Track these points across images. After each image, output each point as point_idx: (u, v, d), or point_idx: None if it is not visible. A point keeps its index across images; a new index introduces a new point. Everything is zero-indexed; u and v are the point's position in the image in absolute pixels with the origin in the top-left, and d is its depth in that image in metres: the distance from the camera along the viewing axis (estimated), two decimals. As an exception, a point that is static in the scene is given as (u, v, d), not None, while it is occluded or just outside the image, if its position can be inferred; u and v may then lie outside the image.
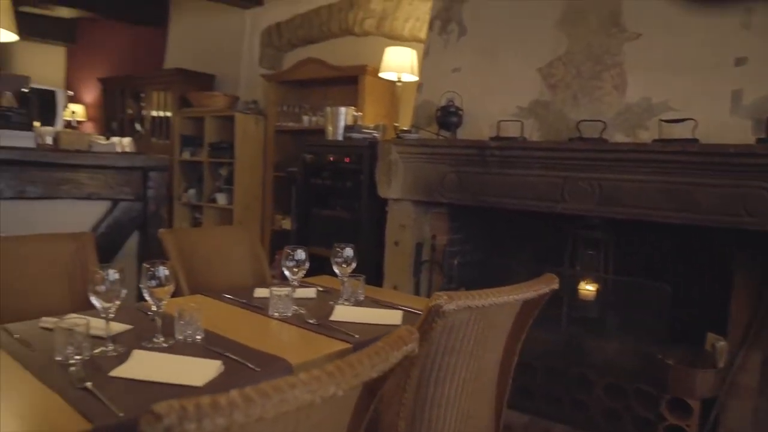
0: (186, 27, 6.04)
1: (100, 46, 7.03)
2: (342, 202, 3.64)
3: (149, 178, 3.01)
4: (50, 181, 2.71)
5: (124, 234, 2.99)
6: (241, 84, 5.34)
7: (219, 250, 2.51)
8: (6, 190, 2.59)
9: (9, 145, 2.60)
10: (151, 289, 1.50)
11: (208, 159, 4.94)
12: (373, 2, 4.50)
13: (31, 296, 1.94)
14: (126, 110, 5.86)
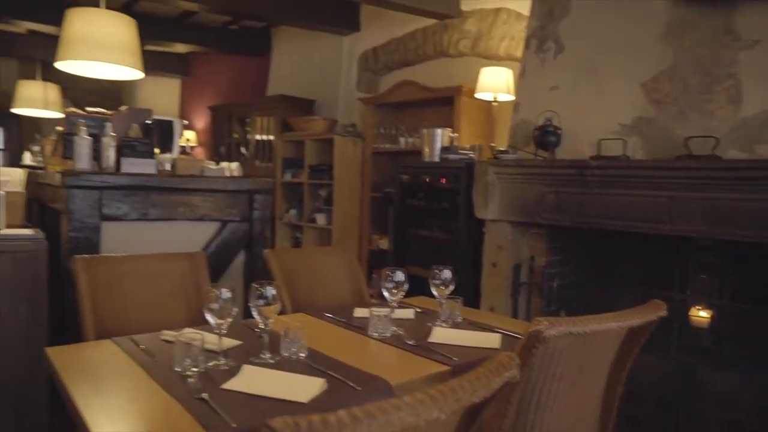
0: (287, 56, 6.35)
1: (209, 77, 7.53)
2: (438, 222, 3.66)
3: (255, 200, 3.18)
4: (168, 204, 2.94)
5: (232, 253, 3.17)
6: (339, 108, 5.53)
7: (319, 269, 2.60)
8: (131, 213, 2.83)
9: (134, 171, 2.85)
10: (259, 308, 1.59)
11: (308, 180, 5.14)
12: (468, 23, 4.53)
13: (153, 310, 2.11)
14: (232, 135, 6.23)
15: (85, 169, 2.75)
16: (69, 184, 2.63)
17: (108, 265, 2.08)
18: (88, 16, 3.29)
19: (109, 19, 3.32)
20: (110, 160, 2.81)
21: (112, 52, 3.30)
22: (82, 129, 2.77)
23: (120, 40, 3.33)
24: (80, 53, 3.23)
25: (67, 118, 2.90)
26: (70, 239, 2.67)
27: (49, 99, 5.96)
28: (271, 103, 5.67)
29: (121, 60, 3.34)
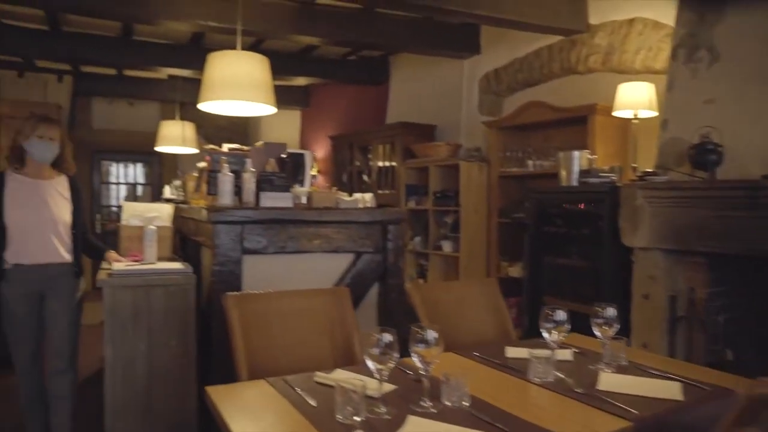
0: (405, 82, 6.38)
1: (328, 107, 7.75)
2: (578, 249, 3.43)
3: (388, 230, 3.14)
4: (304, 237, 2.96)
5: (366, 285, 3.13)
6: (461, 132, 5.43)
7: (461, 302, 2.49)
8: (270, 246, 2.88)
9: (272, 205, 2.91)
10: (419, 352, 1.50)
11: (433, 207, 5.07)
12: (598, 37, 4.28)
13: (300, 347, 2.09)
14: (354, 163, 6.32)
15: (228, 204, 2.84)
16: (214, 220, 2.72)
17: (257, 302, 2.10)
18: (227, 58, 3.45)
19: (245, 60, 3.46)
20: (250, 195, 2.89)
21: (249, 91, 3.43)
22: (225, 166, 2.87)
23: (256, 78, 3.46)
24: (222, 94, 3.38)
25: (210, 156, 3.03)
26: (215, 272, 2.76)
27: (186, 136, 6.38)
28: (392, 130, 5.69)
29: (257, 97, 3.46)
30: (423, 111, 5.92)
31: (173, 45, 5.95)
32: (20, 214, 2.63)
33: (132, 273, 2.65)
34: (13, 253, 2.63)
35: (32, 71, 7.16)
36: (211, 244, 2.82)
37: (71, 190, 2.83)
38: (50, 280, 2.69)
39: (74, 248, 2.78)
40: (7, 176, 2.71)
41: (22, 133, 2.71)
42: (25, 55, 6.04)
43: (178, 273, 2.73)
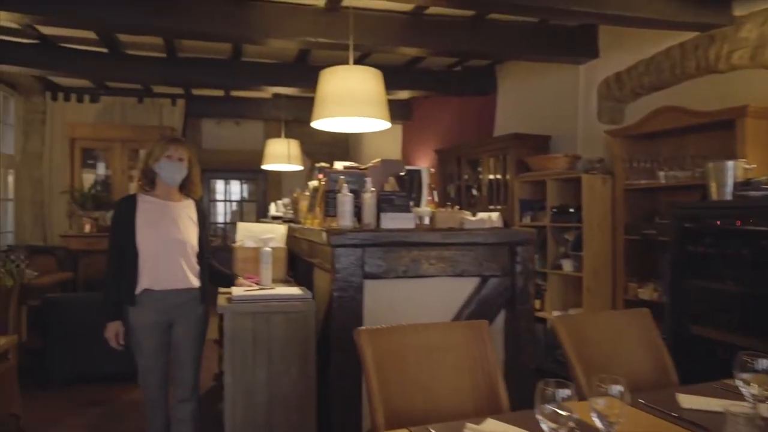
0: (514, 92, 6.08)
1: (431, 120, 7.56)
2: (733, 272, 3.00)
3: (516, 252, 2.87)
4: (427, 260, 2.76)
5: (493, 311, 2.88)
6: (578, 142, 5.06)
7: (612, 337, 2.18)
8: (391, 270, 2.70)
9: (393, 227, 2.74)
10: (600, 409, 1.24)
11: (551, 223, 4.73)
12: (744, 31, 3.81)
13: (438, 387, 1.88)
14: (462, 177, 6.08)
15: (348, 226, 2.69)
16: (335, 243, 2.58)
17: (391, 336, 1.91)
18: (341, 73, 3.35)
19: (359, 75, 3.34)
20: (371, 216, 2.73)
21: (364, 106, 3.30)
22: (345, 186, 2.73)
23: (370, 93, 3.33)
24: (335, 110, 3.28)
25: (327, 175, 2.91)
26: (335, 298, 2.61)
27: (292, 154, 6.42)
28: (504, 142, 5.40)
29: (372, 112, 3.33)
30: (534, 121, 5.60)
31: (279, 64, 6.00)
32: (152, 236, 2.62)
33: (252, 299, 2.56)
34: (143, 277, 2.61)
35: (150, 97, 7.52)
36: (330, 268, 2.68)
37: (198, 214, 2.80)
38: (178, 307, 2.65)
39: (201, 273, 2.74)
40: (139, 198, 2.71)
41: (152, 155, 2.72)
42: (145, 81, 6.34)
43: (298, 299, 2.61)
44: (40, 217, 7.27)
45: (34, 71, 5.78)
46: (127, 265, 2.59)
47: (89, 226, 6.75)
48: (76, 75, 5.90)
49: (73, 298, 4.65)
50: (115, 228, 2.68)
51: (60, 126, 7.20)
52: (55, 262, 5.84)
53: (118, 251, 2.62)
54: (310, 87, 6.30)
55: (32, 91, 7.23)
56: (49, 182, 7.19)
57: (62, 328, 4.44)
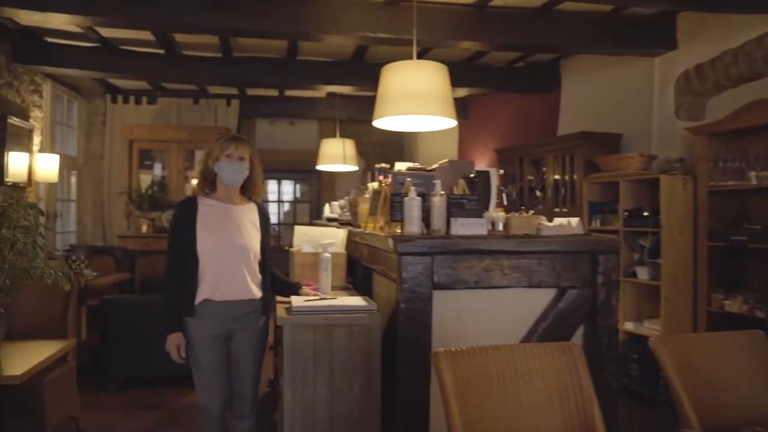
0: (580, 88, 5.75)
1: (490, 119, 7.29)
2: None
3: (598, 261, 2.61)
4: (501, 270, 2.54)
5: (571, 326, 2.63)
6: (653, 140, 4.71)
7: (723, 363, 1.92)
8: (462, 280, 2.50)
9: (464, 233, 2.53)
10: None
11: (624, 228, 4.41)
12: None
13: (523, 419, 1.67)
14: (526, 178, 5.79)
15: (416, 233, 2.50)
16: (402, 251, 2.39)
17: (472, 359, 1.71)
18: (404, 69, 3.16)
19: (424, 70, 3.15)
20: (440, 222, 2.53)
21: (429, 103, 3.10)
22: (412, 189, 2.53)
23: (435, 89, 3.13)
24: (399, 108, 3.09)
25: (393, 177, 2.72)
26: (401, 310, 2.42)
27: (347, 154, 6.27)
28: (570, 141, 5.10)
29: (437, 110, 3.13)
30: (602, 119, 5.27)
31: (335, 62, 5.86)
32: (213, 242, 2.47)
33: (313, 310, 2.40)
34: (204, 286, 2.46)
35: (205, 98, 7.54)
36: (395, 278, 2.49)
37: (260, 218, 2.66)
38: (239, 320, 2.50)
39: (263, 283, 2.59)
40: (199, 201, 2.57)
41: (211, 155, 2.58)
42: (201, 82, 6.32)
43: (362, 311, 2.44)
44: (100, 218, 7.38)
45: (95, 74, 5.82)
46: (186, 272, 2.46)
47: (146, 227, 6.79)
48: (135, 76, 5.93)
49: (129, 300, 4.64)
50: (174, 233, 2.55)
51: (119, 128, 7.29)
52: (113, 263, 5.88)
53: (178, 257, 2.49)
54: (367, 85, 6.18)
55: (94, 93, 7.35)
56: (108, 183, 7.30)
57: (119, 330, 4.42)
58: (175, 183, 7.05)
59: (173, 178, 7.08)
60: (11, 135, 5.27)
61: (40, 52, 5.36)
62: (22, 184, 5.49)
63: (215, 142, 2.61)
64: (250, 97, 7.65)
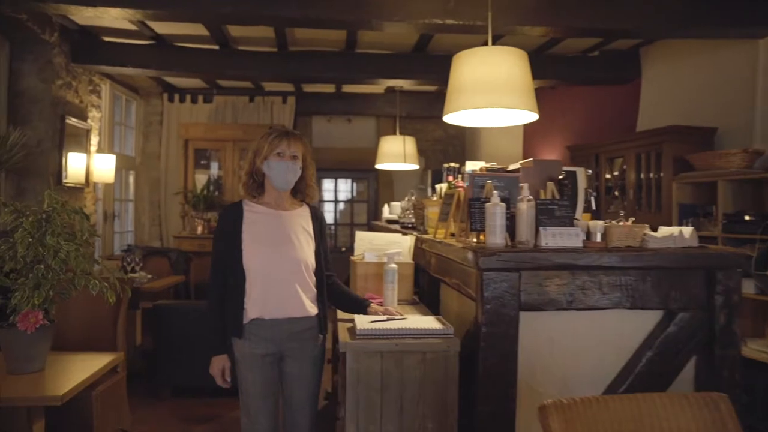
0: (665, 77, 5.22)
1: (558, 113, 6.81)
2: None
3: (717, 280, 2.19)
4: (599, 288, 2.16)
5: (681, 356, 2.22)
6: (756, 135, 4.17)
7: None
8: (554, 300, 2.13)
9: (556, 245, 2.16)
10: None
11: (723, 234, 3.90)
12: None
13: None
14: (603, 177, 5.31)
15: (500, 244, 2.15)
16: (485, 266, 2.04)
17: (587, 410, 1.35)
18: (479, 56, 2.80)
19: (502, 57, 2.78)
20: (528, 232, 2.16)
21: (509, 95, 2.73)
22: (495, 194, 2.18)
23: (514, 79, 2.76)
24: (474, 100, 2.74)
25: (471, 178, 2.37)
26: (484, 335, 2.07)
27: (407, 152, 5.95)
28: (655, 137, 4.59)
29: (518, 102, 2.76)
30: (691, 111, 4.74)
31: (395, 55, 5.54)
32: (262, 254, 2.20)
33: (380, 333, 2.08)
34: (252, 304, 2.19)
35: (260, 95, 7.36)
36: (476, 296, 2.15)
37: (313, 223, 2.36)
38: (292, 339, 2.21)
39: (319, 297, 2.30)
40: (245, 206, 2.30)
41: (259, 152, 2.29)
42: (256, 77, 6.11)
43: (438, 335, 2.10)
44: (157, 218, 7.32)
45: (151, 72, 5.71)
46: (232, 288, 2.20)
47: (201, 228, 6.67)
48: (190, 73, 5.77)
49: (183, 306, 4.45)
50: (218, 243, 2.28)
51: (175, 127, 7.21)
52: (168, 264, 5.75)
53: (222, 271, 2.23)
54: (429, 79, 5.83)
55: (151, 93, 7.30)
56: (165, 183, 7.23)
57: (172, 337, 4.24)
58: (230, 183, 6.90)
59: (228, 177, 6.93)
60: (69, 135, 5.22)
61: (97, 51, 5.28)
62: (80, 185, 5.43)
63: (264, 137, 2.32)
64: (307, 94, 7.43)
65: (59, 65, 5.00)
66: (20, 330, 2.39)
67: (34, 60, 4.81)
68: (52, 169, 4.97)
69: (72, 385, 2.44)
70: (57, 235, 2.46)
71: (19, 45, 4.75)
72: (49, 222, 2.47)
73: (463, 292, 2.41)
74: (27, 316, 2.39)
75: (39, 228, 2.42)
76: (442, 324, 2.18)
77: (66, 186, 5.15)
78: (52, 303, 2.48)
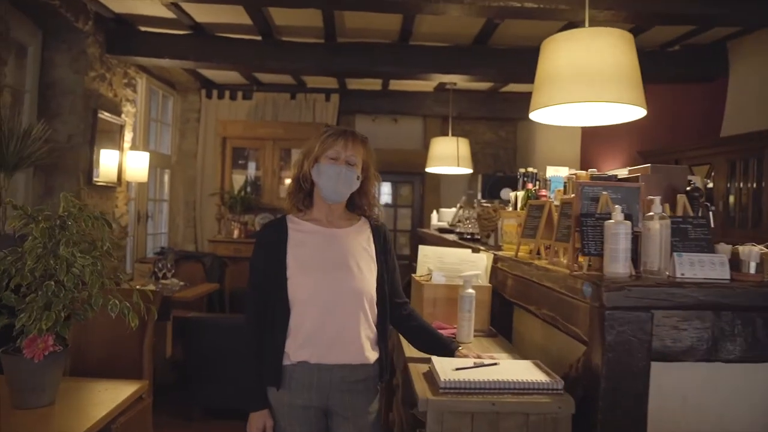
0: (758, 74, 4.63)
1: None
2: None
3: None
4: (753, 333, 1.66)
5: None
6: None
7: None
8: (694, 350, 1.63)
9: (694, 276, 1.66)
10: None
11: None
12: None
13: None
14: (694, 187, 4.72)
15: (624, 274, 1.66)
16: (612, 304, 1.56)
17: None
18: (577, 41, 2.33)
19: (604, 41, 2.30)
20: (661, 258, 1.67)
21: (613, 87, 2.25)
22: (617, 209, 1.70)
23: (620, 67, 2.27)
24: (570, 94, 2.26)
25: (579, 187, 1.89)
26: (605, 391, 1.59)
27: (461, 155, 5.48)
28: (753, 141, 4.01)
29: (623, 95, 2.27)
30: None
31: (452, 48, 5.05)
32: (312, 283, 1.76)
33: (472, 387, 1.61)
34: (296, 345, 1.75)
35: (303, 92, 6.98)
36: (590, 339, 1.67)
37: (376, 242, 1.91)
38: (343, 391, 1.76)
39: (381, 337, 1.84)
40: (290, 223, 1.86)
41: (309, 154, 1.85)
42: (300, 71, 5.69)
43: (544, 390, 1.63)
44: (191, 220, 6.99)
45: (188, 63, 5.36)
46: (271, 325, 1.77)
47: (238, 231, 6.30)
48: (230, 65, 5.39)
49: (216, 320, 4.06)
50: (256, 270, 1.83)
51: (213, 124, 6.86)
52: (202, 270, 5.39)
53: (262, 303, 1.80)
54: (489, 75, 5.32)
55: (189, 89, 6.98)
56: (201, 183, 6.89)
57: (203, 352, 3.85)
58: (269, 184, 6.52)
59: (267, 178, 6.55)
60: (102, 131, 4.89)
61: (133, 41, 4.95)
62: (112, 184, 5.11)
63: (317, 136, 1.87)
64: (351, 91, 7.01)
65: (93, 56, 4.68)
66: (26, 357, 2.00)
67: (67, 50, 4.50)
68: (82, 166, 4.65)
69: (88, 425, 2.04)
70: (73, 245, 2.06)
71: (51, 34, 4.44)
72: (64, 229, 2.07)
73: (561, 328, 1.93)
74: (34, 342, 1.99)
75: (52, 237, 2.03)
76: (546, 374, 1.70)
77: (97, 184, 4.83)
78: (65, 325, 2.08)
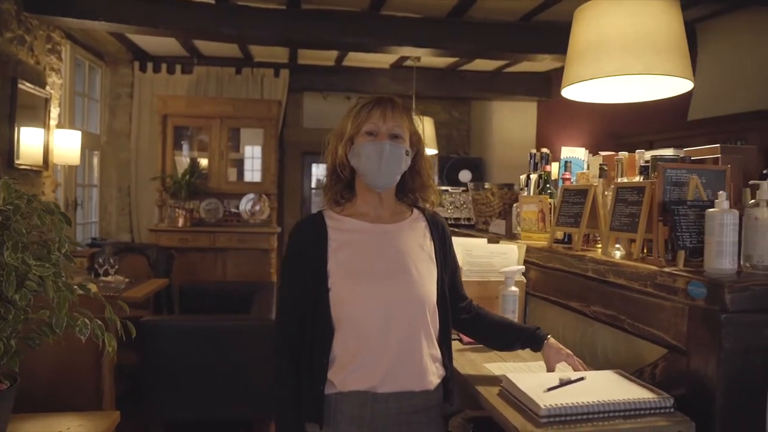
0: (728, 56, 4.60)
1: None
2: None
3: None
4: None
5: None
6: None
7: None
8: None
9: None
10: None
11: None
12: None
13: None
14: None
15: (730, 271, 1.42)
16: (736, 308, 1.31)
17: None
18: (607, 7, 2.08)
19: (647, 6, 2.05)
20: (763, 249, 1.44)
21: (663, 57, 2.00)
22: (722, 195, 1.45)
23: (671, 35, 2.04)
24: (619, 65, 1.99)
25: (660, 170, 1.62)
26: (723, 409, 1.35)
27: (426, 134, 5.16)
28: (733, 124, 3.96)
29: (674, 67, 2.03)
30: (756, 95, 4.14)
31: (425, 19, 4.68)
32: (361, 294, 1.40)
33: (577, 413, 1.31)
34: (343, 370, 1.40)
35: (249, 66, 6.43)
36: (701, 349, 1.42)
37: (433, 237, 1.57)
38: (401, 423, 1.41)
39: (444, 354, 1.51)
40: (328, 221, 1.49)
41: (342, 135, 1.50)
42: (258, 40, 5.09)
43: (655, 410, 1.35)
44: (126, 207, 6.32)
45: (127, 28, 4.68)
46: (310, 347, 1.42)
47: (183, 219, 5.73)
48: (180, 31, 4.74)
49: (172, 324, 3.59)
50: (289, 280, 1.48)
51: (149, 101, 6.19)
52: (146, 264, 4.84)
53: (297, 319, 1.44)
54: (466, 48, 4.97)
55: (120, 60, 6.26)
56: (136, 166, 6.22)
57: (160, 361, 3.38)
58: (216, 167, 5.97)
59: (215, 161, 5.99)
60: (23, 106, 4.21)
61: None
62: (37, 168, 4.45)
63: (347, 114, 1.52)
64: (302, 66, 6.53)
65: (8, 13, 3.99)
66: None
67: (-25, 6, 3.82)
68: (0, 147, 4.00)
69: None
70: (22, 249, 1.58)
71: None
72: (7, 228, 1.58)
73: (628, 329, 1.68)
74: (-27, 379, 1.52)
75: (-10, 239, 1.54)
76: (648, 389, 1.42)
77: (19, 168, 4.17)
78: (14, 356, 1.60)
